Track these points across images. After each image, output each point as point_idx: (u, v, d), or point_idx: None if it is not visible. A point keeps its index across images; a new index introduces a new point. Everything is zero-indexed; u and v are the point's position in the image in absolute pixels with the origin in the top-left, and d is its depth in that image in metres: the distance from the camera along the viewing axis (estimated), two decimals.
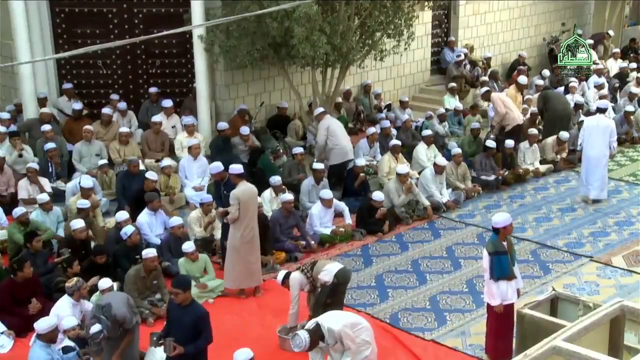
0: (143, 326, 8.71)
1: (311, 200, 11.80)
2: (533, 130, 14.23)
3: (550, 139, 14.46)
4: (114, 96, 14.53)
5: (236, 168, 9.70)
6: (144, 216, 10.76)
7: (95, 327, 7.29)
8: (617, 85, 18.09)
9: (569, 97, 16.06)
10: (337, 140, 12.59)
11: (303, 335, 7.05)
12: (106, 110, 13.80)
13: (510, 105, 14.39)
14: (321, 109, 12.85)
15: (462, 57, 17.79)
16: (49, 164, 12.37)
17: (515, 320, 7.87)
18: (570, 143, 14.49)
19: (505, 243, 7.99)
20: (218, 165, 10.58)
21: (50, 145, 12.34)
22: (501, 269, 7.87)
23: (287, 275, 8.71)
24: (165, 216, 10.95)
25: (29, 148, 12.82)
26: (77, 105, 13.78)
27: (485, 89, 14.63)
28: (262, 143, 13.87)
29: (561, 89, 16.96)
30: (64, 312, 8.26)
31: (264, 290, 9.82)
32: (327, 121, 12.68)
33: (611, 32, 20.76)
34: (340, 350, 7.28)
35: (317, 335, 7.13)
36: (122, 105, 14.30)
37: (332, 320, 7.28)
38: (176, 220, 10.37)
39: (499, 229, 7.96)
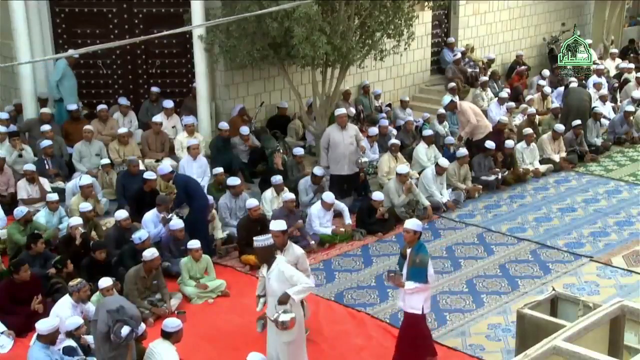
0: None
1: (307, 196, 11.86)
2: (528, 130, 14.19)
3: (545, 135, 14.48)
4: (122, 100, 14.38)
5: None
6: (152, 216, 10.66)
7: (126, 330, 7.30)
8: (616, 85, 18.09)
9: None
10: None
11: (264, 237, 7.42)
12: (101, 105, 13.80)
13: (480, 113, 14.13)
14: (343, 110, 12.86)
15: (459, 56, 17.76)
16: (45, 163, 12.32)
17: (516, 320, 7.87)
18: (567, 144, 14.51)
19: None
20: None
21: (46, 142, 12.28)
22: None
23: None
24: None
25: (29, 148, 12.80)
26: (72, 107, 13.65)
27: (449, 98, 14.40)
28: (262, 143, 13.88)
29: (561, 88, 16.98)
30: (63, 312, 8.26)
31: None
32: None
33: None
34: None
35: (273, 247, 7.46)
36: (123, 101, 14.25)
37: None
38: (177, 224, 10.31)
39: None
